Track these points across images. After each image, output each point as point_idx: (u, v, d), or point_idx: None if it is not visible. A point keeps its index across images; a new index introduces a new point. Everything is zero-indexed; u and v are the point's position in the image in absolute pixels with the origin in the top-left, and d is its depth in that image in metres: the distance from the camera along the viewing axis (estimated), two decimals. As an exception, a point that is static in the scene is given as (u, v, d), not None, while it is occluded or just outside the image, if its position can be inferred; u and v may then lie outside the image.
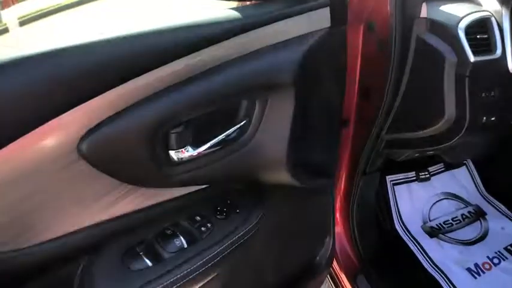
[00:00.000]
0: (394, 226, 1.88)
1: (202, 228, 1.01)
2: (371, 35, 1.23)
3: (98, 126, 0.77)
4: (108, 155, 0.81)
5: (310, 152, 1.13)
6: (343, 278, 1.60)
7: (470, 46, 1.18)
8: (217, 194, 1.08)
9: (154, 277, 0.90)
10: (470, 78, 1.19)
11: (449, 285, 1.68)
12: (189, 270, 0.94)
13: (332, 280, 1.63)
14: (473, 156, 2.02)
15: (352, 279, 1.58)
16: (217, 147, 0.96)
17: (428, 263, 1.75)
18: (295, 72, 0.92)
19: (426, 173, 2.01)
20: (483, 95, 1.25)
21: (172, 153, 0.90)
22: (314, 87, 1.03)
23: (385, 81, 1.23)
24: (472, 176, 2.10)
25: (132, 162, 0.85)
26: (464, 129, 1.26)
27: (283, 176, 1.05)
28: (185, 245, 0.97)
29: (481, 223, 1.95)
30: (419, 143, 1.38)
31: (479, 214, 1.97)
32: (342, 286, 1.58)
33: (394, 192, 1.95)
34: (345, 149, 1.48)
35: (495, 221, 1.96)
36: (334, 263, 1.60)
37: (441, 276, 1.71)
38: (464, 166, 2.10)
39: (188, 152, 0.91)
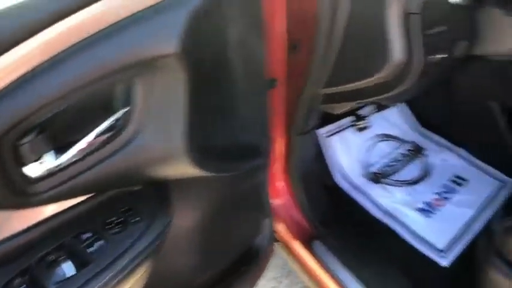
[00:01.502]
0: (335, 181, 1.73)
1: (92, 248, 0.80)
2: None
3: None
4: None
5: (222, 135, 0.95)
6: (298, 247, 1.47)
7: None
8: (109, 202, 0.87)
9: None
10: (418, 15, 1.07)
11: (405, 231, 1.57)
12: None
13: (288, 251, 1.51)
14: (410, 96, 1.91)
15: (308, 247, 1.45)
16: (92, 149, 0.73)
17: (380, 212, 1.63)
18: (180, 38, 0.71)
19: (362, 120, 1.89)
20: (432, 31, 1.14)
21: (27, 168, 0.67)
22: (216, 52, 0.84)
23: (316, 30, 1.06)
24: (404, 113, 1.99)
25: None
26: (413, 72, 1.16)
27: (189, 170, 0.85)
28: (74, 271, 0.76)
29: (421, 159, 1.84)
30: (363, 94, 1.26)
31: (417, 151, 1.88)
32: (299, 256, 1.45)
33: (327, 145, 1.80)
34: (278, 111, 1.30)
35: (435, 155, 1.88)
36: (287, 234, 1.47)
37: (395, 222, 1.60)
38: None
39: (48, 163, 0.69)
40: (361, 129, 1.90)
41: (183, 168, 0.85)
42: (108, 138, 0.75)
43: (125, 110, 0.75)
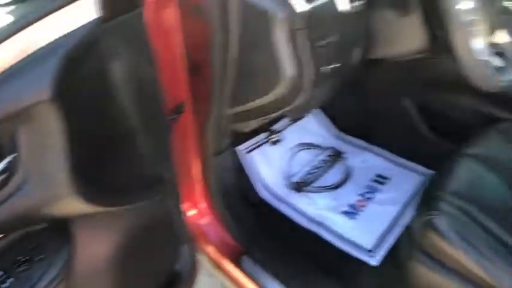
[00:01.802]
0: (261, 196, 1.71)
1: (5, 284, 0.84)
2: (187, 2, 1.07)
3: None
4: None
5: (119, 170, 0.94)
6: (228, 264, 1.45)
7: None
8: (19, 241, 0.89)
9: None
10: (304, 29, 1.09)
11: (332, 235, 1.56)
12: None
13: (218, 270, 1.48)
14: (320, 105, 1.95)
15: (237, 263, 1.43)
16: None
17: (306, 220, 1.62)
18: (52, 85, 0.72)
19: (275, 134, 1.88)
20: (321, 43, 1.16)
21: None
22: (100, 90, 0.85)
23: (212, 53, 1.08)
24: (321, 121, 2.00)
25: None
26: (306, 85, 1.18)
27: (85, 208, 0.86)
28: None
29: (342, 163, 1.85)
30: (266, 110, 1.27)
31: (337, 155, 1.89)
32: (229, 273, 1.43)
33: (248, 161, 1.78)
34: (190, 134, 1.29)
35: (354, 157, 1.90)
36: (215, 253, 1.45)
37: (320, 228, 1.59)
38: (310, 112, 2.00)
39: None
40: (274, 143, 1.89)
41: (79, 207, 0.85)
42: (1, 181, 0.75)
43: (14, 155, 0.76)
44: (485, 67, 1.13)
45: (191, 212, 1.43)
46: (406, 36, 1.22)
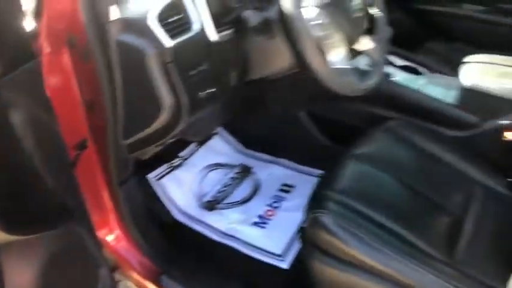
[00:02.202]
0: (176, 218, 1.80)
1: None
2: (75, 49, 1.15)
3: None
4: None
5: (26, 203, 1.00)
6: (150, 285, 1.51)
7: (167, 31, 1.17)
8: None
9: None
10: (175, 62, 1.18)
11: (244, 246, 1.68)
12: None
13: None
14: (216, 127, 2.08)
15: (157, 284, 1.50)
16: None
17: (218, 235, 1.72)
18: None
19: (178, 159, 1.99)
20: (193, 72, 1.26)
21: None
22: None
23: (101, 91, 1.17)
24: (227, 141, 2.12)
25: None
26: (186, 111, 1.27)
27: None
28: None
29: (250, 178, 1.98)
30: (157, 137, 1.35)
31: (245, 171, 2.01)
32: None
33: (161, 186, 1.86)
34: (95, 166, 1.35)
35: (262, 171, 2.03)
36: (136, 275, 1.52)
37: (234, 241, 1.70)
38: (217, 134, 2.12)
39: None
40: (190, 166, 1.99)
41: None
42: None
43: None
44: (346, 75, 1.28)
45: (108, 238, 1.49)
46: (275, 57, 1.34)
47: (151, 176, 1.87)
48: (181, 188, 1.89)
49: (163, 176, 1.90)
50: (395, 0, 2.87)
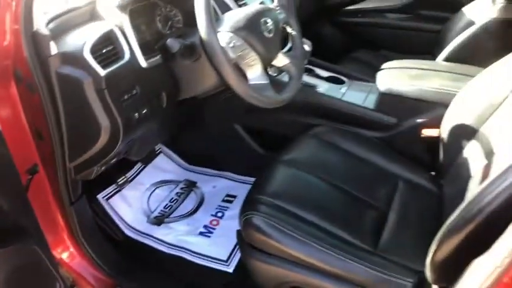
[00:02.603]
0: (126, 234, 1.90)
1: None
2: (21, 82, 1.25)
3: None
4: None
5: None
6: None
7: (100, 61, 1.27)
8: None
9: None
10: (108, 88, 1.28)
11: (192, 255, 1.80)
12: None
13: None
14: (155, 145, 2.21)
15: None
16: None
17: (168, 247, 1.84)
18: None
19: (124, 177, 2.09)
20: (126, 96, 1.36)
21: None
22: None
23: (47, 119, 1.27)
24: (171, 158, 2.24)
25: None
26: (122, 133, 1.36)
27: None
28: None
29: (195, 192, 2.11)
30: (99, 157, 1.43)
31: (191, 186, 2.14)
32: None
33: (110, 205, 1.96)
34: (47, 188, 1.45)
35: (206, 185, 2.17)
36: None
37: (182, 251, 1.82)
38: (161, 153, 2.23)
39: None
40: (137, 184, 2.11)
41: None
42: None
43: None
44: (263, 91, 1.40)
45: (64, 256, 1.57)
46: (202, 77, 1.46)
47: (100, 196, 1.96)
48: (130, 206, 2.00)
49: (112, 195, 2.01)
50: (322, 14, 3.09)
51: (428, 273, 1.11)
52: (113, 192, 2.01)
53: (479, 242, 0.92)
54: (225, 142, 2.15)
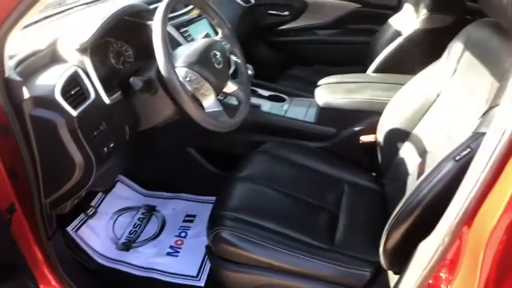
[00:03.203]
0: (98, 262, 1.98)
1: None
2: None
3: None
4: None
5: None
6: None
7: (71, 102, 1.34)
8: None
9: None
10: (80, 127, 1.36)
11: (163, 274, 1.93)
12: None
13: None
14: (118, 175, 2.30)
15: None
16: None
17: (139, 270, 1.95)
18: None
19: (91, 208, 2.17)
20: (96, 133, 1.45)
21: None
22: None
23: (22, 160, 1.32)
24: (130, 186, 2.35)
25: None
26: (95, 166, 1.45)
27: None
28: None
29: (156, 216, 2.24)
30: (74, 192, 1.49)
31: (151, 210, 2.27)
32: None
33: (80, 236, 2.04)
34: (25, 226, 1.49)
35: (166, 208, 2.30)
36: None
37: (153, 272, 1.94)
38: (119, 182, 2.34)
39: None
40: (102, 214, 2.19)
41: None
42: None
43: None
44: (218, 116, 1.52)
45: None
46: (160, 109, 1.57)
47: (69, 229, 2.04)
48: (97, 236, 2.08)
49: (80, 226, 2.08)
50: (258, 36, 3.28)
51: (382, 261, 1.29)
52: (80, 224, 2.09)
53: (422, 227, 1.11)
54: (180, 165, 2.29)
